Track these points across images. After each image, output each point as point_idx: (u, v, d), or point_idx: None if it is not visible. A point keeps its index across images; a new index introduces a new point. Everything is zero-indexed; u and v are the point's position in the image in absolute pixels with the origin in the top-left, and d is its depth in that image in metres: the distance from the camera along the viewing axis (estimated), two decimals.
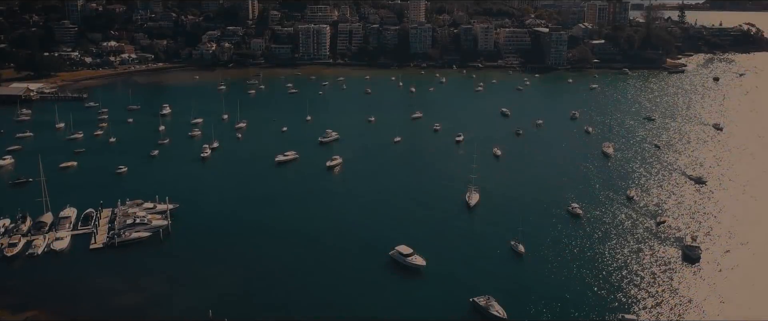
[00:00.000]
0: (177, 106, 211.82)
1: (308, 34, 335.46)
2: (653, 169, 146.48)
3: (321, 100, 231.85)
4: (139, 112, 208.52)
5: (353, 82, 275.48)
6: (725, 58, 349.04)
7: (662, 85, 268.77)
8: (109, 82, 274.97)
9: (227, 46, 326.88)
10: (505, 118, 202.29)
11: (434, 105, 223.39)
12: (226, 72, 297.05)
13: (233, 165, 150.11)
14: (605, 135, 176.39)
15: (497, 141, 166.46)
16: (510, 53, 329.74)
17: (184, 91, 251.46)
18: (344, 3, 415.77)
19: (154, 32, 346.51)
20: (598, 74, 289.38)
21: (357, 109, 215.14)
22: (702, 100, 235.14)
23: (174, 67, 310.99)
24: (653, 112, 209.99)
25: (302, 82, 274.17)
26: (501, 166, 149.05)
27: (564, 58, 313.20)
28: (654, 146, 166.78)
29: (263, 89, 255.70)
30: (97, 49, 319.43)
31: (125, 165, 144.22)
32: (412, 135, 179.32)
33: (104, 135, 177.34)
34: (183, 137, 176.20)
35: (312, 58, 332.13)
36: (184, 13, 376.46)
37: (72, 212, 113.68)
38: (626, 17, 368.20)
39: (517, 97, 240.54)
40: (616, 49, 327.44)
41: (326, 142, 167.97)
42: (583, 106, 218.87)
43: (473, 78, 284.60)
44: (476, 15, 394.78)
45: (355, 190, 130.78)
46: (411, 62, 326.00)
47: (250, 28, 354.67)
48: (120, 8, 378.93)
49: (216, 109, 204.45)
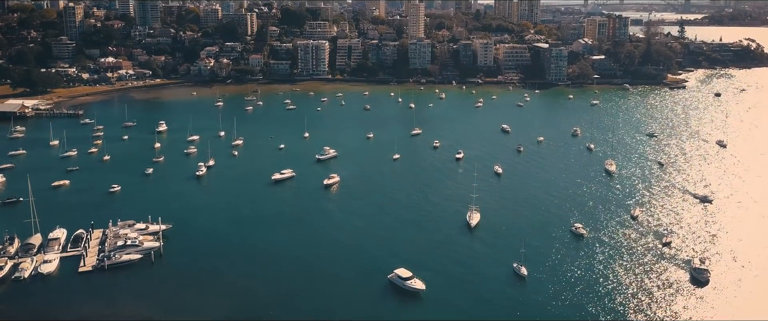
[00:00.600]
0: (173, 123, 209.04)
1: (307, 50, 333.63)
2: (657, 187, 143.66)
3: (319, 117, 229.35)
4: (135, 128, 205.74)
5: (352, 98, 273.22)
6: (726, 74, 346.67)
7: (663, 101, 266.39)
8: (106, 98, 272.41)
9: (225, 62, 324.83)
10: (505, 135, 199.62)
11: (434, 121, 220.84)
12: (224, 88, 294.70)
13: (228, 183, 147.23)
14: (607, 152, 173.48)
15: (498, 158, 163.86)
16: (510, 69, 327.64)
17: (180, 107, 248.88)
18: (343, 19, 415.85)
19: (152, 48, 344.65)
20: (598, 90, 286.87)
21: (355, 126, 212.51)
22: (704, 116, 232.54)
23: (172, 83, 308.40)
24: (655, 129, 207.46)
25: (300, 98, 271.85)
26: (502, 185, 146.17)
27: (564, 73, 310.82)
28: (657, 164, 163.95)
29: (261, 105, 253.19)
30: (94, 65, 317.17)
31: (119, 184, 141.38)
32: (412, 152, 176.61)
33: (99, 152, 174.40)
34: (178, 155, 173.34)
35: (311, 74, 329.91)
36: (183, 29, 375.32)
37: (62, 233, 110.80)
38: (626, 33, 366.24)
39: (518, 114, 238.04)
40: (616, 64, 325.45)
41: (324, 159, 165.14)
42: (584, 122, 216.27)
43: (473, 94, 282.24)
44: (475, 31, 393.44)
45: (352, 209, 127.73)
46: (410, 78, 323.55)
47: (248, 44, 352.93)
48: (118, 24, 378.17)
49: (212, 126, 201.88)
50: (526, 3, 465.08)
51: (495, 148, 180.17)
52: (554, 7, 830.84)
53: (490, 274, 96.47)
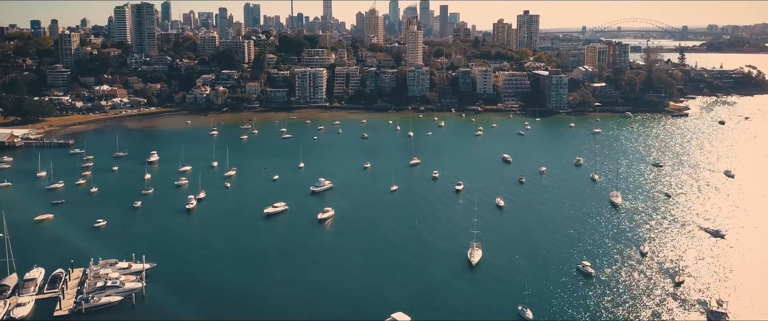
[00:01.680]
0: (165, 153, 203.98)
1: (304, 78, 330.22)
2: (666, 220, 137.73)
3: (315, 146, 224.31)
4: (126, 159, 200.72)
5: (349, 126, 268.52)
6: (728, 101, 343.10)
7: (667, 129, 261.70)
8: (100, 127, 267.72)
9: (221, 90, 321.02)
10: (506, 165, 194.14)
11: (433, 150, 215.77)
12: (220, 116, 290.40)
13: (219, 218, 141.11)
14: (612, 183, 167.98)
15: (499, 190, 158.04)
16: (509, 96, 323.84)
17: (174, 136, 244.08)
18: (341, 46, 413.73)
19: (149, 76, 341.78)
20: (600, 118, 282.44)
21: (352, 155, 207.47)
22: (709, 144, 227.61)
23: (167, 111, 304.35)
24: (660, 158, 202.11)
25: (297, 126, 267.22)
26: (504, 218, 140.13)
27: (565, 101, 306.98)
28: (664, 195, 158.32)
29: (256, 134, 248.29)
30: (89, 93, 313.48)
31: (105, 218, 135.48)
32: (410, 183, 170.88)
33: (86, 184, 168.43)
34: (169, 187, 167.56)
35: (308, 102, 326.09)
36: (180, 56, 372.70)
37: (39, 273, 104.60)
38: (626, 60, 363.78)
39: (519, 142, 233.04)
40: (617, 92, 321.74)
41: (319, 191, 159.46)
42: (587, 151, 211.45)
43: (472, 122, 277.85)
44: (474, 58, 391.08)
45: (348, 246, 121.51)
46: (409, 105, 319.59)
47: (245, 72, 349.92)
48: (115, 52, 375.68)
49: (206, 156, 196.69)
50: (524, 30, 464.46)
51: (496, 179, 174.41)
52: (552, 34, 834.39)
53: (493, 319, 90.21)
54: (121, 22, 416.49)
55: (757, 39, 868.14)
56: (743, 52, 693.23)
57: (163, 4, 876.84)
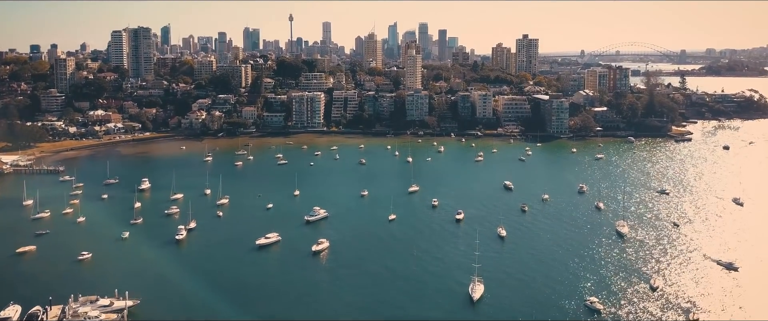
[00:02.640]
0: (157, 180, 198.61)
1: (302, 102, 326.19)
2: (675, 251, 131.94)
3: (311, 172, 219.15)
4: (117, 186, 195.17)
5: (347, 151, 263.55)
6: (731, 126, 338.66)
7: (670, 154, 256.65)
8: (92, 153, 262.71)
9: (217, 115, 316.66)
10: (508, 192, 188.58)
11: (432, 177, 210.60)
12: (215, 142, 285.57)
13: (209, 249, 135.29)
14: (618, 211, 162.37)
15: (501, 219, 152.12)
16: (509, 121, 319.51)
17: (167, 162, 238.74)
18: (340, 70, 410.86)
19: (144, 101, 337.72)
20: (602, 143, 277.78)
21: (349, 182, 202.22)
22: (715, 170, 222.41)
23: (161, 136, 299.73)
24: (666, 185, 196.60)
25: (293, 152, 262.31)
26: (507, 250, 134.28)
27: (566, 126, 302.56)
28: (672, 224, 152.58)
29: (251, 160, 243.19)
30: (83, 118, 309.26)
31: (90, 250, 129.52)
32: (408, 212, 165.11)
33: (74, 213, 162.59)
34: (159, 216, 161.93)
35: (305, 127, 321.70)
36: (176, 81, 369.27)
37: (15, 311, 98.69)
38: (627, 84, 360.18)
39: (520, 168, 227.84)
40: (619, 116, 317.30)
41: (313, 220, 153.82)
42: (590, 178, 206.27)
43: (472, 147, 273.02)
44: (473, 82, 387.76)
45: (342, 280, 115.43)
46: (407, 130, 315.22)
47: (242, 97, 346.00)
48: (111, 76, 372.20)
49: (198, 183, 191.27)
50: (523, 54, 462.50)
51: (497, 207, 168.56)
52: (551, 58, 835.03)
53: None
54: (118, 46, 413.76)
55: (755, 63, 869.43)
56: (742, 75, 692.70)
57: (163, 29, 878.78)
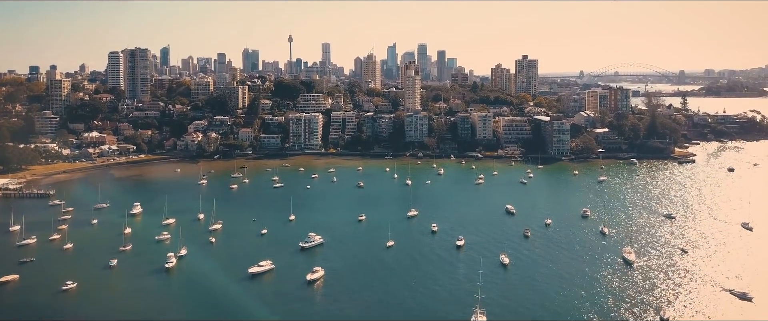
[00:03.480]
0: (150, 204, 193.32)
1: (299, 123, 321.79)
2: (685, 281, 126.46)
3: (308, 196, 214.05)
4: (108, 211, 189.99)
5: (345, 174, 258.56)
6: (734, 147, 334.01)
7: (674, 176, 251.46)
8: (85, 175, 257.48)
9: (213, 137, 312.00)
10: (510, 217, 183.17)
11: (431, 200, 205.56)
12: (211, 164, 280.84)
13: (199, 278, 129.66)
14: (623, 237, 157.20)
15: (503, 245, 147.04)
16: (510, 142, 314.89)
17: (161, 186, 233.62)
18: (338, 91, 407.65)
19: (140, 122, 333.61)
20: (604, 165, 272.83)
21: (346, 206, 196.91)
22: (720, 193, 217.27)
23: (156, 159, 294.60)
24: (672, 209, 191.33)
25: (290, 174, 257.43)
26: (510, 278, 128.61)
27: (567, 147, 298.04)
28: (680, 251, 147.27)
29: (247, 183, 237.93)
30: (77, 140, 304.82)
31: (75, 279, 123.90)
32: (407, 238, 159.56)
33: (61, 240, 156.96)
34: (149, 242, 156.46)
35: (303, 148, 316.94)
36: (173, 102, 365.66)
37: None
38: (628, 105, 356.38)
39: (522, 192, 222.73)
40: (620, 138, 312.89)
41: (309, 247, 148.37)
42: (593, 201, 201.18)
43: (473, 169, 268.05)
44: (473, 103, 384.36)
45: (338, 313, 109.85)
46: (406, 152, 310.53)
47: (239, 118, 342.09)
48: (107, 98, 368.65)
49: (191, 207, 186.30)
50: (523, 75, 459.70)
51: (499, 232, 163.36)
52: (550, 78, 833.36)
53: None
54: (115, 67, 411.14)
55: (754, 83, 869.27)
56: (742, 96, 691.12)
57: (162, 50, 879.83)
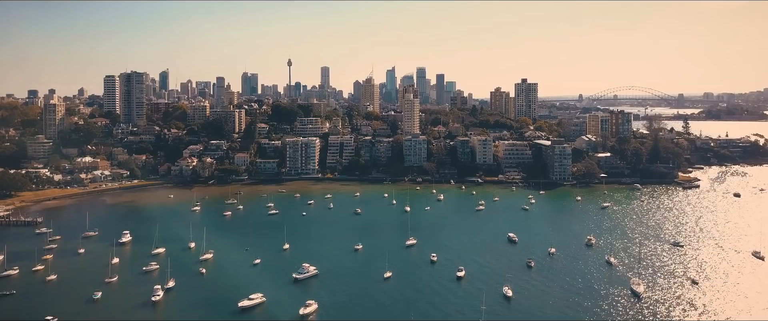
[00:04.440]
0: (140, 232, 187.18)
1: (296, 148, 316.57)
2: (696, 313, 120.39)
3: (303, 223, 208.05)
4: (96, 239, 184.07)
5: (342, 200, 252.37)
6: (738, 172, 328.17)
7: (679, 202, 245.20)
8: (75, 202, 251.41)
9: (209, 162, 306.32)
10: (512, 245, 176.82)
11: (431, 228, 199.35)
12: (205, 190, 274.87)
13: (186, 312, 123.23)
14: (631, 267, 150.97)
15: (506, 276, 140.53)
16: (510, 167, 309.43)
17: (153, 212, 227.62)
18: (336, 115, 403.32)
19: (134, 147, 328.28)
20: (607, 190, 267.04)
21: (343, 234, 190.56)
22: (728, 220, 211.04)
23: (150, 184, 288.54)
24: (679, 236, 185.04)
25: (286, 200, 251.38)
26: (514, 313, 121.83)
27: (569, 172, 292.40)
28: (690, 281, 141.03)
29: (241, 210, 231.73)
30: (70, 165, 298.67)
31: (56, 313, 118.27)
32: (406, 268, 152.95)
33: (45, 271, 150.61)
34: (136, 273, 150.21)
35: (299, 173, 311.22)
36: (168, 126, 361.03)
37: None
38: (630, 129, 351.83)
39: (524, 219, 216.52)
40: (623, 162, 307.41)
41: (302, 278, 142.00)
42: (598, 229, 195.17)
43: (473, 195, 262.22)
44: (472, 126, 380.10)
45: None
46: (405, 177, 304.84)
47: (235, 142, 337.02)
48: (102, 122, 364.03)
49: (183, 236, 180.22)
50: (523, 98, 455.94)
51: (502, 262, 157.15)
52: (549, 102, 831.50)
53: None
54: (111, 91, 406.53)
55: (754, 107, 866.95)
56: (742, 119, 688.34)
57: (161, 74, 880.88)
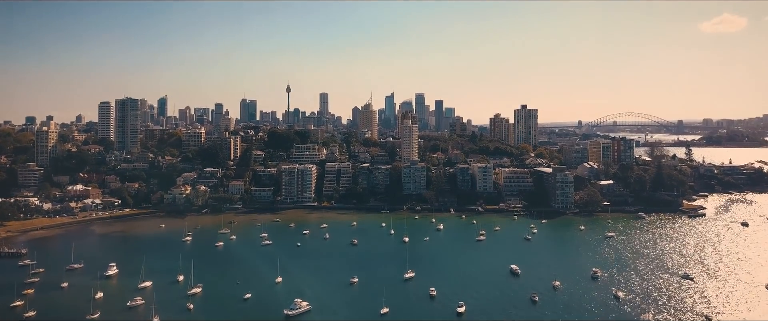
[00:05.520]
0: (127, 264, 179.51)
1: (292, 175, 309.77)
2: None
3: (297, 254, 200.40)
4: (80, 272, 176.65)
5: (338, 229, 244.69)
6: (743, 200, 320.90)
7: (686, 231, 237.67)
8: (64, 232, 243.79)
9: (202, 190, 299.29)
10: (514, 278, 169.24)
11: (430, 260, 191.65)
12: (198, 219, 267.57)
13: None
14: (640, 302, 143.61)
15: (509, 313, 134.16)
16: (511, 195, 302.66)
17: (142, 243, 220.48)
18: (334, 141, 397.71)
19: (127, 174, 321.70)
20: (611, 219, 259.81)
21: (338, 266, 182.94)
22: (737, 250, 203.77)
23: (141, 213, 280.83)
24: (689, 268, 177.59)
25: (280, 230, 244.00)
26: None
27: (571, 200, 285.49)
28: (704, 318, 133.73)
29: (234, 240, 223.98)
30: (61, 193, 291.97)
31: None
32: (403, 304, 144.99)
33: (24, 306, 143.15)
34: (120, 309, 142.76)
35: (295, 202, 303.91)
36: (162, 153, 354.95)
37: None
38: (632, 155, 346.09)
39: (526, 250, 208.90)
40: (626, 190, 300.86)
41: (294, 315, 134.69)
42: (603, 260, 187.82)
43: (473, 224, 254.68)
44: (472, 153, 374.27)
45: None
46: (404, 205, 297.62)
47: (230, 170, 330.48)
48: (95, 149, 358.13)
49: (171, 268, 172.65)
50: (522, 124, 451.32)
51: (504, 297, 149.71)
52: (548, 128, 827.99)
53: None
54: (106, 117, 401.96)
55: (754, 133, 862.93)
56: (743, 146, 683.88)
57: (160, 100, 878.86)
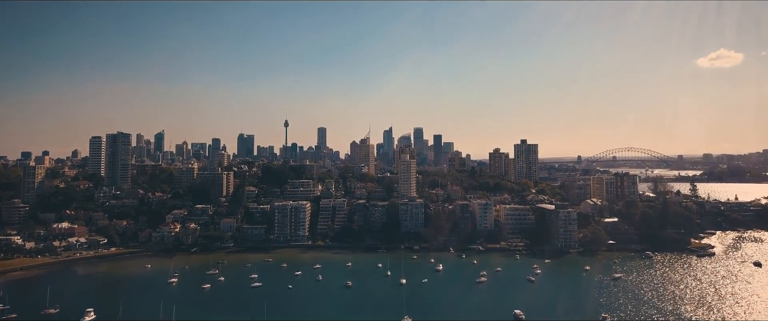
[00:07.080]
0: (106, 309, 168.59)
1: (285, 213, 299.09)
2: None
3: (287, 298, 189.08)
4: (56, 317, 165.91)
5: (332, 270, 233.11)
6: (753, 237, 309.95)
7: (696, 273, 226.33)
8: (44, 272, 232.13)
9: (192, 228, 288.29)
10: None
11: (428, 304, 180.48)
12: (187, 258, 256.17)
13: None
14: None
15: None
16: (513, 233, 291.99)
17: (125, 285, 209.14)
18: (330, 177, 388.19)
19: (116, 211, 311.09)
20: (618, 259, 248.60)
21: (331, 312, 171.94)
22: (752, 292, 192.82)
23: (128, 252, 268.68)
24: (704, 313, 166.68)
25: (271, 270, 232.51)
26: None
27: (575, 238, 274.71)
28: None
29: (222, 282, 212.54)
30: (45, 231, 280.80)
31: None
32: None
33: None
34: None
35: (288, 240, 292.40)
36: (153, 189, 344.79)
37: None
38: (636, 192, 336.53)
39: (530, 292, 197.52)
40: (631, 228, 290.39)
41: None
42: (613, 304, 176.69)
43: (474, 264, 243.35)
44: (472, 190, 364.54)
45: None
46: (401, 244, 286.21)
47: (222, 206, 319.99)
48: (84, 185, 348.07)
49: (152, 313, 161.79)
50: (523, 160, 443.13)
51: None
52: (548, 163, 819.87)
53: None
54: (97, 153, 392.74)
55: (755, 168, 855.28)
56: (746, 181, 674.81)
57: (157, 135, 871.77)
